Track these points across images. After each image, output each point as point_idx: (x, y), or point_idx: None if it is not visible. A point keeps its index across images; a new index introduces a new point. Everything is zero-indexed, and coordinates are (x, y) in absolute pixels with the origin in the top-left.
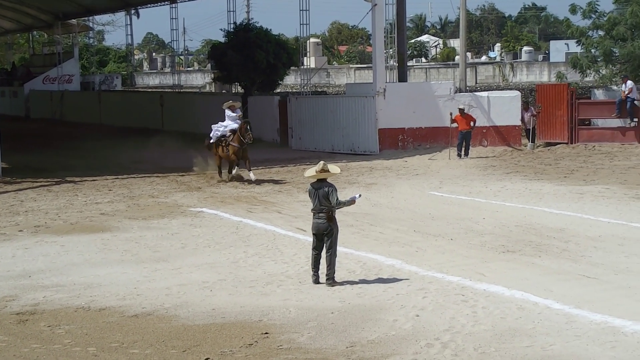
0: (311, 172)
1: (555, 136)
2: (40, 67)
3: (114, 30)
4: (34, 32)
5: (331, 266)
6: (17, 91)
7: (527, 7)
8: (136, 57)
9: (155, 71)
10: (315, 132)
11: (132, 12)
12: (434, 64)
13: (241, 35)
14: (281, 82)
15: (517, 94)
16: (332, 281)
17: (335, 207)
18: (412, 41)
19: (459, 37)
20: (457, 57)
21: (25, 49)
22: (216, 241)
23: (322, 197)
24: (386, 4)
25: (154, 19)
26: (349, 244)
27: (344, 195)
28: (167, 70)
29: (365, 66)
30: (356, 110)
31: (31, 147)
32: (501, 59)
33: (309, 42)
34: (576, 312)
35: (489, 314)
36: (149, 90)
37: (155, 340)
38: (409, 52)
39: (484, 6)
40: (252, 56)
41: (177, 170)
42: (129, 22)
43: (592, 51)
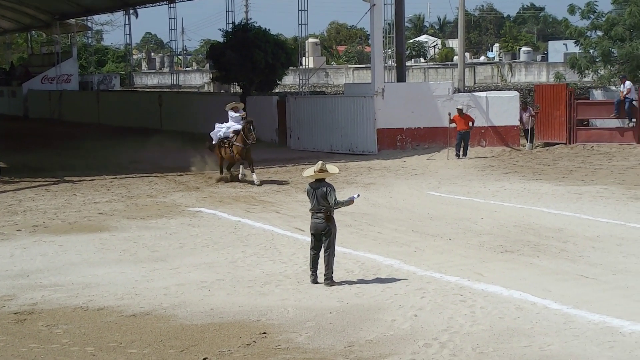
0: (310, 172)
1: (553, 136)
2: (38, 66)
3: (113, 30)
4: (33, 32)
5: (329, 266)
6: (16, 91)
7: (525, 7)
8: (135, 56)
9: (153, 71)
10: (313, 132)
11: (131, 11)
12: (432, 64)
13: (240, 35)
14: (280, 82)
15: (515, 94)
16: (330, 281)
17: (333, 207)
18: (411, 41)
19: (458, 37)
20: (455, 57)
21: (23, 48)
22: (214, 241)
23: (321, 197)
24: (385, 4)
25: (152, 19)
26: (347, 243)
27: (342, 195)
28: (166, 70)
29: (363, 66)
30: (355, 110)
31: (29, 146)
32: (500, 59)
33: (307, 42)
34: (574, 312)
35: (487, 314)
36: (148, 90)
37: (153, 339)
38: (408, 52)
39: (483, 6)
40: (250, 56)
41: (175, 170)
42: (127, 22)
43: (591, 51)
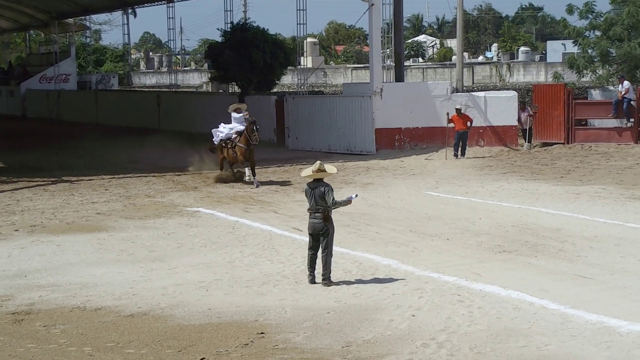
0: (308, 171)
1: (551, 136)
2: (37, 66)
3: (111, 29)
4: (31, 31)
5: (327, 266)
6: (14, 90)
7: (524, 7)
8: (133, 56)
9: (152, 71)
10: (312, 132)
11: (129, 11)
12: (431, 64)
13: (238, 34)
14: (278, 82)
15: (513, 94)
16: (328, 281)
17: (331, 207)
18: (409, 41)
19: (456, 37)
20: (454, 57)
21: (22, 48)
22: (212, 241)
23: (319, 197)
24: (383, 4)
25: (151, 19)
26: (345, 243)
27: (340, 195)
28: (164, 69)
29: (362, 66)
30: (353, 110)
31: (27, 146)
32: (498, 59)
33: (306, 41)
34: (572, 312)
35: (484, 314)
36: (146, 89)
37: (151, 340)
38: (406, 52)
39: (481, 6)
40: (249, 56)
41: (173, 169)
42: (126, 22)
43: (589, 51)
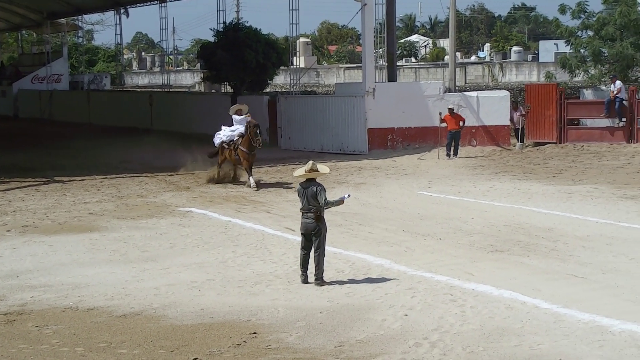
0: (300, 171)
1: (544, 136)
2: (29, 66)
3: (103, 29)
4: (23, 31)
5: (320, 266)
6: (6, 90)
7: (516, 7)
8: (125, 56)
9: (144, 71)
10: (304, 131)
11: (122, 11)
12: (423, 63)
13: (231, 34)
14: (271, 82)
15: (506, 93)
16: (320, 281)
17: (323, 207)
18: (402, 41)
19: (449, 37)
20: (446, 57)
21: (14, 48)
22: (205, 241)
23: (311, 196)
24: (376, 4)
25: (143, 19)
26: (337, 243)
27: (333, 195)
28: (157, 69)
29: (354, 66)
30: (345, 110)
31: (20, 146)
32: (490, 59)
33: (298, 41)
34: (564, 312)
35: (477, 314)
36: (138, 89)
37: (143, 340)
38: (399, 52)
39: (474, 6)
40: (241, 56)
41: (166, 170)
42: (118, 22)
43: (581, 51)
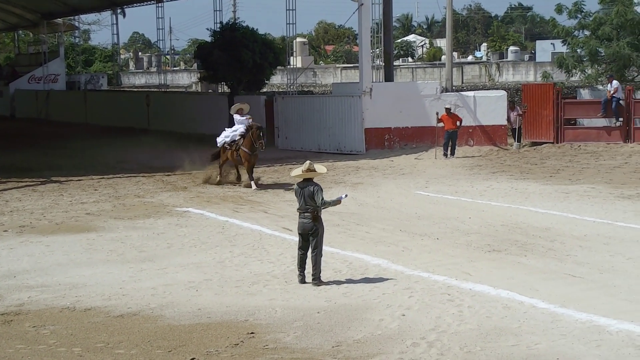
0: (297, 171)
1: (541, 136)
2: (25, 66)
3: (100, 29)
4: (20, 31)
5: (317, 266)
6: (3, 90)
7: (513, 7)
8: (122, 56)
9: (141, 71)
10: (301, 131)
11: (118, 11)
12: (420, 63)
13: (227, 34)
14: (267, 82)
15: (503, 93)
16: (318, 281)
17: (320, 206)
18: (399, 41)
19: (446, 37)
20: (443, 57)
21: (10, 48)
22: (202, 241)
23: (308, 196)
24: (373, 4)
25: (140, 19)
26: (335, 243)
27: (330, 195)
28: (153, 69)
29: (351, 66)
30: (342, 109)
31: (16, 146)
32: (487, 59)
33: (295, 41)
34: (561, 311)
35: (474, 313)
36: (135, 89)
37: (140, 340)
38: (396, 52)
39: (471, 6)
40: (238, 56)
41: (163, 170)
42: (115, 22)
43: (578, 51)
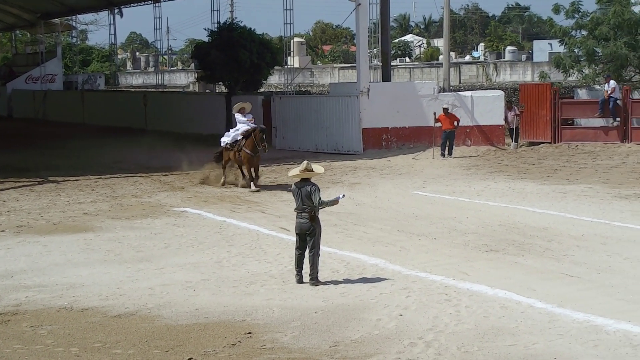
0: (295, 171)
1: (538, 136)
2: (23, 66)
3: (97, 29)
4: (17, 31)
5: (314, 266)
6: (0, 90)
7: (510, 7)
8: (119, 56)
9: (138, 71)
10: (299, 131)
11: (116, 11)
12: (417, 63)
13: (225, 34)
14: (265, 82)
15: (500, 93)
16: (315, 281)
17: (317, 206)
18: (396, 41)
19: (443, 37)
20: (440, 57)
21: (7, 48)
22: (199, 241)
23: (305, 196)
24: (370, 4)
25: (137, 18)
26: (332, 243)
27: (327, 195)
28: (151, 69)
29: (349, 66)
30: (340, 109)
31: (14, 146)
32: (485, 59)
33: (292, 41)
34: (559, 311)
35: (472, 313)
36: (133, 89)
37: (138, 340)
38: (393, 52)
39: (468, 6)
40: (235, 56)
41: (160, 170)
42: (112, 22)
43: (575, 51)
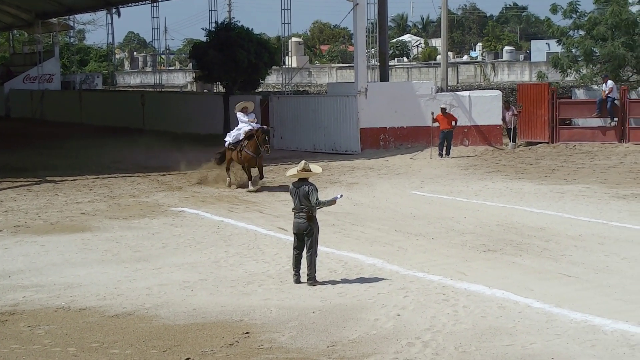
0: (293, 171)
1: (536, 135)
2: (20, 66)
3: (95, 29)
4: (15, 31)
5: (312, 266)
6: None
7: (508, 6)
8: (117, 56)
9: (136, 70)
10: (297, 131)
11: (113, 11)
12: (415, 63)
13: (223, 34)
14: (263, 82)
15: (498, 93)
16: (313, 281)
17: (315, 206)
18: (394, 41)
19: (441, 37)
20: (438, 57)
21: (5, 48)
22: (197, 241)
23: (303, 196)
24: (368, 4)
25: (135, 18)
26: (330, 243)
27: (325, 195)
28: (149, 69)
29: (347, 65)
30: (338, 109)
31: (11, 146)
32: (482, 59)
33: (290, 41)
34: (556, 311)
35: (469, 313)
36: (130, 89)
37: (135, 340)
38: (391, 52)
39: (466, 6)
40: (233, 55)
41: (158, 169)
42: (110, 21)
43: (573, 51)
